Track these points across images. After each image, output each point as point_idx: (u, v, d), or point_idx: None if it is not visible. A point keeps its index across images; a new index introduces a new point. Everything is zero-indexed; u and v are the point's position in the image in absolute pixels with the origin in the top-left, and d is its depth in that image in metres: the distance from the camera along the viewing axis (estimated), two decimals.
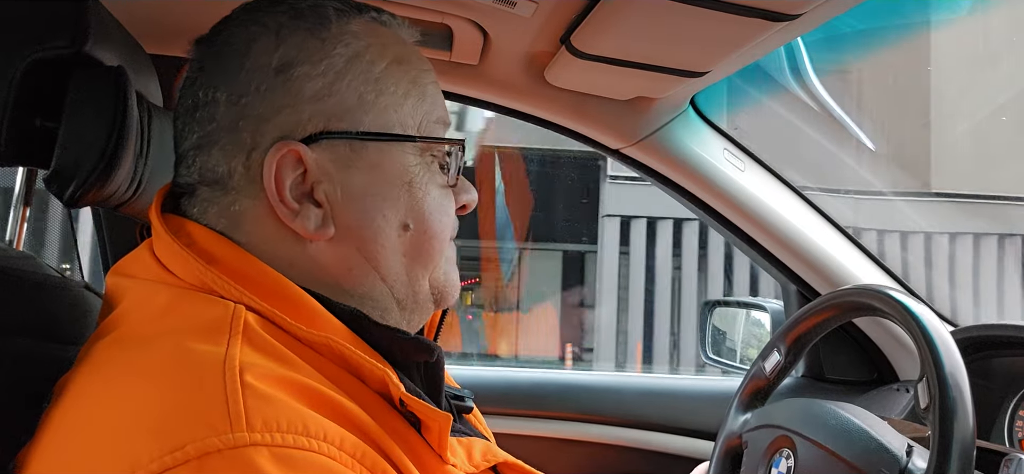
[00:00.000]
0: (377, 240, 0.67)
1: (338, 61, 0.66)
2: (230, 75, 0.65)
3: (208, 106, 0.65)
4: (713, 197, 1.47)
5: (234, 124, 0.65)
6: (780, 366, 1.09)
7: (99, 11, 0.77)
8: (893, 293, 0.91)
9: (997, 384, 1.29)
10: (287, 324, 0.59)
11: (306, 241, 0.66)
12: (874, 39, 6.09)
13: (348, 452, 0.54)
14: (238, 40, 0.66)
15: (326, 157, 0.65)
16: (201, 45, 0.69)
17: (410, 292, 0.70)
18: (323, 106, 0.65)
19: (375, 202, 0.67)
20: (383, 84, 0.68)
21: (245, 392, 0.52)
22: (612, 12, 1.01)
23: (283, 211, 0.64)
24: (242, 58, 0.65)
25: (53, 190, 0.75)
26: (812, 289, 1.53)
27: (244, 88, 0.65)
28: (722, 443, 1.10)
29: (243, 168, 0.65)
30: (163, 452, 0.49)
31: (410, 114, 0.69)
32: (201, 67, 0.67)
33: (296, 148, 0.64)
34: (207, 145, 0.65)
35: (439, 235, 0.71)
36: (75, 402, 0.57)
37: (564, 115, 1.41)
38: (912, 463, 0.82)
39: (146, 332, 0.59)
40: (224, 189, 0.65)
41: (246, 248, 0.64)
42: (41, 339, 0.72)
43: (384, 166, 0.67)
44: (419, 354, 0.65)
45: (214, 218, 0.66)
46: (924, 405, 0.81)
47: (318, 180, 0.65)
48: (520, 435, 1.62)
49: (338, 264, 0.67)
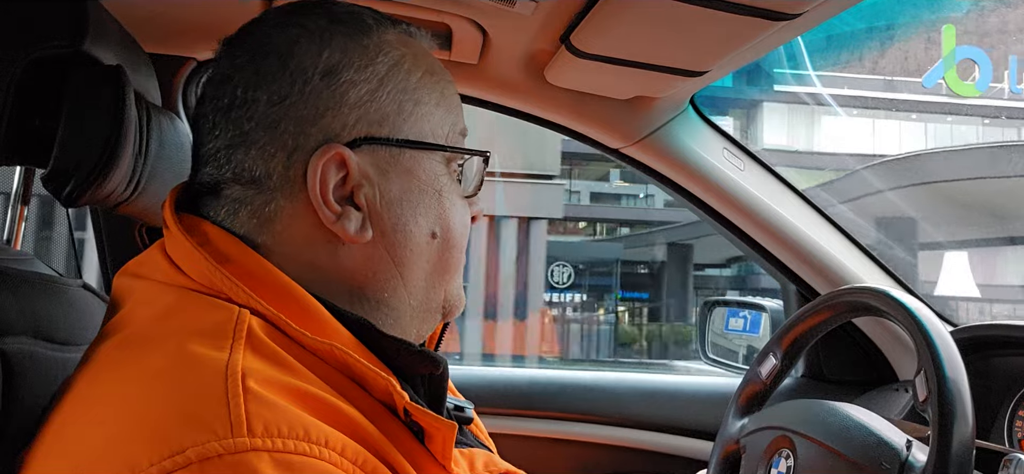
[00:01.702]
0: (408, 245, 0.68)
1: (381, 68, 0.67)
2: (271, 76, 0.65)
3: (246, 105, 0.65)
4: (713, 196, 1.47)
5: (275, 124, 0.64)
6: (776, 370, 1.09)
7: (98, 10, 0.77)
8: (892, 292, 0.91)
9: (996, 384, 1.29)
10: (292, 330, 0.59)
11: (338, 244, 0.66)
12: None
13: (350, 459, 0.54)
14: (278, 42, 0.66)
15: (367, 162, 0.66)
16: (233, 44, 0.68)
17: (425, 301, 0.71)
18: (366, 112, 0.66)
19: (408, 208, 0.68)
20: (419, 94, 0.69)
21: (247, 397, 0.52)
22: (612, 11, 1.01)
23: (325, 214, 0.64)
24: (285, 59, 0.65)
25: (51, 189, 0.75)
26: (812, 289, 1.53)
27: (288, 90, 0.65)
28: (719, 449, 1.10)
29: (283, 168, 0.65)
30: (162, 456, 0.49)
31: (440, 124, 0.70)
32: (235, 66, 0.67)
33: (341, 151, 0.64)
34: (243, 144, 0.65)
35: (460, 245, 0.72)
36: (77, 403, 0.57)
37: (564, 114, 1.41)
38: (912, 456, 0.82)
39: (149, 334, 0.59)
40: (260, 189, 0.65)
41: (270, 249, 0.65)
42: (39, 339, 0.72)
43: (417, 174, 0.68)
44: (425, 366, 0.65)
45: (245, 217, 0.66)
46: (922, 398, 0.81)
47: (359, 184, 0.66)
48: (517, 435, 1.62)
49: (366, 268, 0.67)
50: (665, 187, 1.50)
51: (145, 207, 0.89)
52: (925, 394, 0.80)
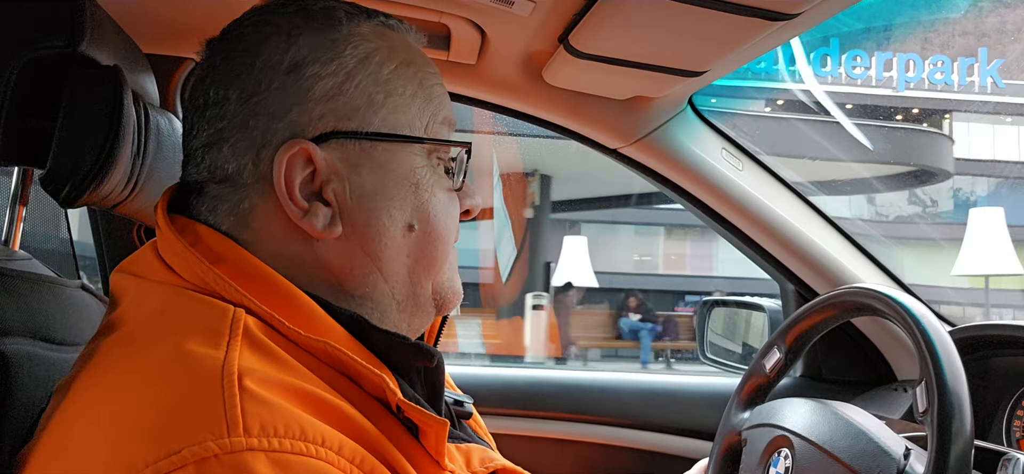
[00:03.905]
0: (382, 239, 0.67)
1: (348, 62, 0.67)
2: (242, 74, 0.66)
3: (219, 104, 0.66)
4: (711, 196, 1.47)
5: (244, 122, 0.65)
6: (780, 364, 1.09)
7: (95, 10, 0.76)
8: (892, 293, 0.90)
9: (995, 384, 1.29)
10: (286, 328, 0.59)
11: (313, 240, 0.66)
12: None
13: (346, 457, 0.54)
14: (250, 40, 0.67)
15: (335, 156, 0.66)
16: (213, 45, 0.69)
17: (410, 294, 0.70)
18: (333, 106, 0.66)
19: (382, 202, 0.67)
20: (391, 86, 0.68)
21: (243, 396, 0.52)
22: (610, 11, 1.01)
23: (292, 210, 0.64)
24: (254, 57, 0.66)
25: (49, 190, 0.75)
26: (810, 289, 1.52)
27: (255, 87, 0.65)
28: (722, 440, 1.10)
29: (252, 165, 0.65)
30: (159, 456, 0.49)
31: (417, 115, 0.70)
32: (212, 66, 0.68)
33: (306, 147, 0.64)
34: (217, 143, 0.66)
35: (443, 237, 0.71)
36: (74, 402, 0.57)
37: (562, 114, 1.41)
38: (910, 465, 0.82)
39: (145, 333, 0.59)
40: (233, 186, 0.66)
41: (252, 246, 0.65)
42: (38, 340, 0.72)
43: (391, 166, 0.68)
44: (419, 359, 0.65)
45: (223, 215, 0.66)
46: (923, 409, 0.81)
47: (327, 179, 0.66)
48: (518, 435, 1.62)
49: (342, 263, 0.67)
50: (664, 187, 1.50)
51: (143, 207, 0.89)
52: (925, 406, 0.81)
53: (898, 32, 15.83)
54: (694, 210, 1.52)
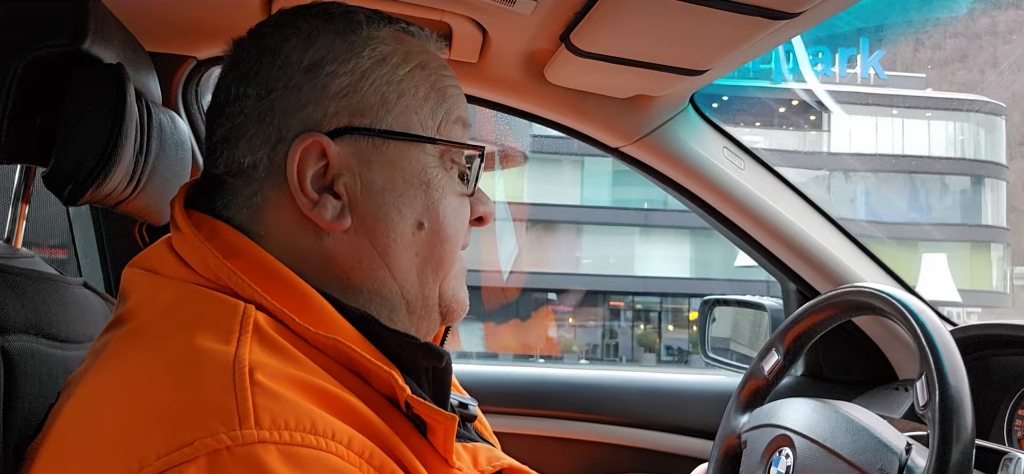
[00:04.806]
0: (390, 235, 0.68)
1: (365, 62, 0.68)
2: (261, 72, 0.67)
3: (238, 100, 0.68)
4: (713, 195, 1.47)
5: (261, 117, 0.67)
6: (778, 366, 1.09)
7: (99, 9, 0.77)
8: (893, 292, 0.91)
9: (996, 383, 1.29)
10: (296, 325, 0.60)
11: (323, 233, 0.67)
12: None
13: (356, 451, 0.54)
14: (272, 40, 0.69)
15: (348, 151, 0.67)
16: (238, 44, 0.71)
17: (420, 294, 0.71)
18: (347, 102, 0.67)
19: (392, 198, 0.68)
20: (405, 86, 0.70)
21: (254, 390, 0.52)
22: (612, 10, 1.01)
23: (303, 200, 0.66)
24: (274, 56, 0.68)
25: (52, 188, 0.75)
26: (811, 287, 1.53)
27: (274, 83, 0.67)
28: (721, 443, 1.10)
29: (268, 159, 0.67)
30: (170, 449, 0.49)
31: (429, 116, 0.71)
32: (234, 64, 0.70)
33: (320, 139, 0.66)
34: (235, 137, 0.68)
35: (452, 238, 0.72)
36: (85, 396, 0.57)
37: (564, 113, 1.41)
38: (911, 460, 0.82)
39: (157, 328, 0.60)
40: (248, 180, 0.67)
41: (264, 241, 0.66)
42: (40, 337, 0.72)
43: (402, 164, 0.69)
44: (428, 359, 0.66)
45: (236, 209, 0.68)
46: (923, 402, 0.81)
47: (339, 173, 0.67)
48: (520, 433, 1.62)
49: (350, 257, 0.68)
50: (665, 186, 1.50)
51: (146, 205, 0.89)
52: (926, 399, 0.81)
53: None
54: (695, 209, 1.52)
